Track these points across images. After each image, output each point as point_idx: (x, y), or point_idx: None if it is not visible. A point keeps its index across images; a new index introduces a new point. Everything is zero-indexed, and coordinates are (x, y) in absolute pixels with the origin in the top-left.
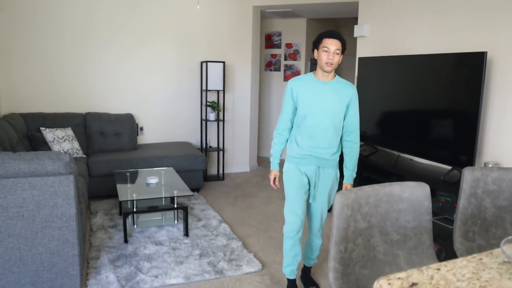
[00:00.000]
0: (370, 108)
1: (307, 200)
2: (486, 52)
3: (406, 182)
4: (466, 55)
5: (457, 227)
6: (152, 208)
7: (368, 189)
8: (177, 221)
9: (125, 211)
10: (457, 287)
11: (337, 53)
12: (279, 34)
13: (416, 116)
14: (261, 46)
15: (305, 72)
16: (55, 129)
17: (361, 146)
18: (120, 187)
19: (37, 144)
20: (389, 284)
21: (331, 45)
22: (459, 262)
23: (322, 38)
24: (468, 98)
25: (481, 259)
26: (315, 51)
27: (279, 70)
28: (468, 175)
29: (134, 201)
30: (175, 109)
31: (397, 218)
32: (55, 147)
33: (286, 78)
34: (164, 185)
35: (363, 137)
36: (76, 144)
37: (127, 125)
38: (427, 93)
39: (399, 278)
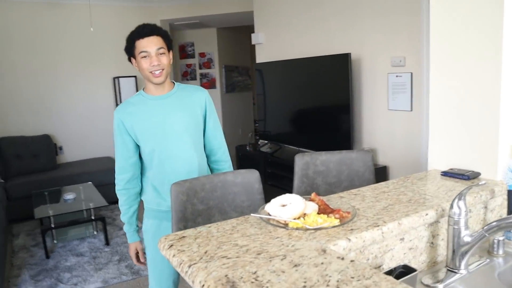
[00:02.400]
0: (271, 109)
1: None
2: (350, 53)
3: (238, 170)
4: (336, 56)
5: None
6: (71, 222)
7: (203, 178)
8: (97, 232)
9: (43, 228)
10: (213, 236)
11: (161, 53)
12: (192, 45)
13: (309, 114)
14: (175, 57)
15: (221, 80)
16: None
17: (266, 144)
18: (38, 206)
19: None
20: (165, 239)
21: (149, 46)
22: (230, 221)
23: (134, 41)
24: (343, 94)
25: (248, 217)
26: (133, 60)
27: (195, 79)
28: (299, 160)
29: (51, 217)
30: (93, 125)
31: (233, 199)
32: None
33: (203, 86)
34: (84, 200)
35: (268, 136)
36: None
37: (43, 146)
38: (316, 92)
39: (176, 235)
